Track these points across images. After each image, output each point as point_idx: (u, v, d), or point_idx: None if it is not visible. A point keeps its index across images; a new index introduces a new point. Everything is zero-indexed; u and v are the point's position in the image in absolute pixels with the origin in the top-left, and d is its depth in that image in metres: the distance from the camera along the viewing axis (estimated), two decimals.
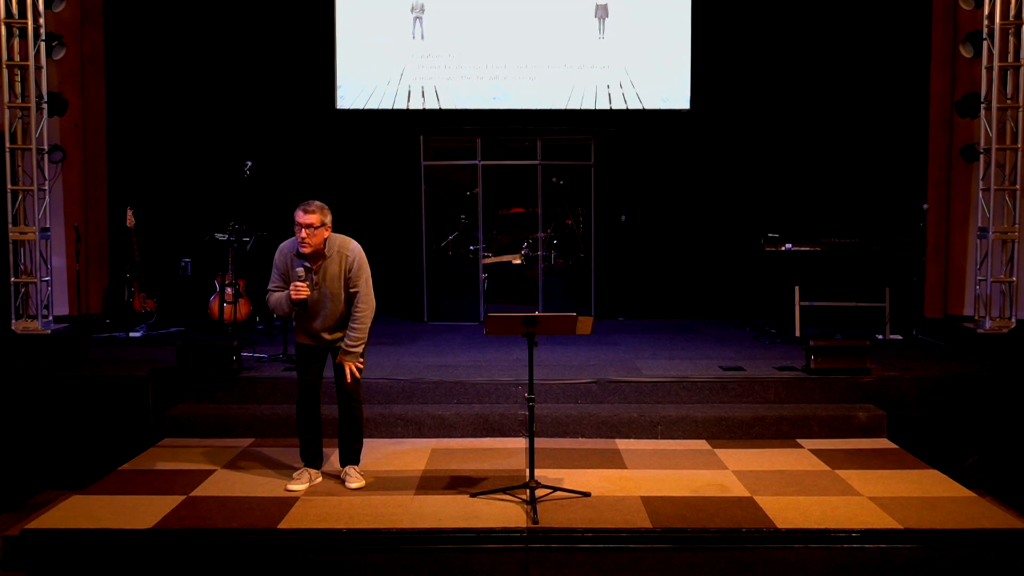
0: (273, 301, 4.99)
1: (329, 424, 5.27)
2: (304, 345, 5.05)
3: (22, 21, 8.25)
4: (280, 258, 4.98)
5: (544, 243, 9.85)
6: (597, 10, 9.68)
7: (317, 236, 4.81)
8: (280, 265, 4.97)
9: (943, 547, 4.37)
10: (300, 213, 4.79)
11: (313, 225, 4.78)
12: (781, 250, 8.31)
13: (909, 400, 6.35)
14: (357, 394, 5.08)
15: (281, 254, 4.98)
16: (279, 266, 4.98)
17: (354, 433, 5.14)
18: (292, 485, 5.00)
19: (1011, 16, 8.20)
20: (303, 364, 5.07)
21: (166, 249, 9.36)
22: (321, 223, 4.81)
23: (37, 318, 8.36)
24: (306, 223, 4.77)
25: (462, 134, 9.77)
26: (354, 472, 5.11)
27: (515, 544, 4.34)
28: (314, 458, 5.16)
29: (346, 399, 5.05)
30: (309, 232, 4.77)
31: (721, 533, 4.40)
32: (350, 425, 5.12)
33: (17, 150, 8.42)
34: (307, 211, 4.78)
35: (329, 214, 4.88)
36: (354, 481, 5.05)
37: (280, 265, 4.97)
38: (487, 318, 4.75)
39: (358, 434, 5.16)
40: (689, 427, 6.05)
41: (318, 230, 4.80)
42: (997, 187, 8.35)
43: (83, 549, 4.36)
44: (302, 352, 5.07)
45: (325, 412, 5.20)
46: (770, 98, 9.63)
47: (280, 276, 4.97)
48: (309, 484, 5.04)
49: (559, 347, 7.67)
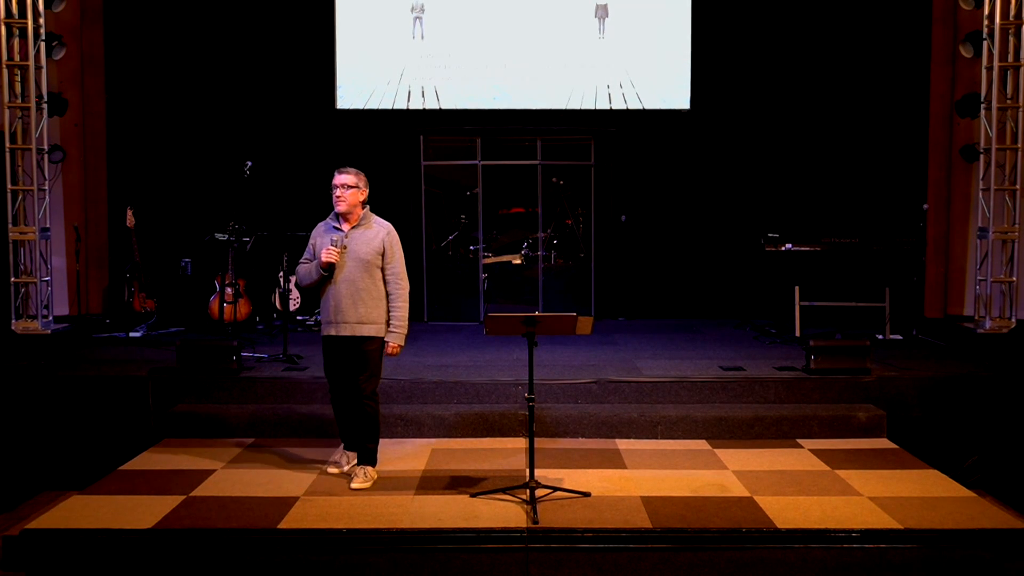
0: (303, 271, 5.09)
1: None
2: (327, 338, 5.06)
3: (22, 21, 8.26)
4: (314, 233, 5.13)
5: (544, 243, 9.85)
6: (597, 10, 9.68)
7: (352, 196, 4.97)
8: (312, 239, 5.11)
9: (943, 547, 4.36)
10: (336, 176, 4.99)
11: (347, 185, 4.95)
12: (781, 250, 8.31)
13: (909, 400, 6.35)
14: (370, 390, 5.02)
15: (316, 230, 5.14)
16: (311, 240, 5.11)
17: (366, 431, 5.07)
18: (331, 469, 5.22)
19: (1011, 16, 8.20)
20: (326, 358, 5.14)
21: (166, 249, 9.36)
22: (355, 184, 4.98)
23: (37, 318, 8.36)
24: (340, 183, 4.96)
25: (462, 134, 9.77)
26: (360, 472, 5.03)
27: (515, 544, 4.34)
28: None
29: (356, 395, 5.00)
30: (344, 190, 4.95)
31: (721, 533, 4.40)
32: (362, 422, 5.06)
33: (17, 150, 8.42)
34: (342, 171, 5.00)
35: (365, 180, 5.05)
36: (358, 481, 4.99)
37: (312, 239, 5.11)
38: (487, 318, 4.75)
39: (371, 432, 5.09)
40: (689, 427, 6.05)
41: (352, 190, 4.96)
42: (997, 187, 8.35)
43: (83, 549, 4.36)
44: (325, 346, 5.11)
45: None
46: (770, 98, 9.63)
47: (310, 250, 5.10)
48: (348, 466, 5.20)
49: (559, 347, 7.67)
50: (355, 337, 4.95)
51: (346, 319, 4.94)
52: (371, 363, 4.99)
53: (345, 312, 4.94)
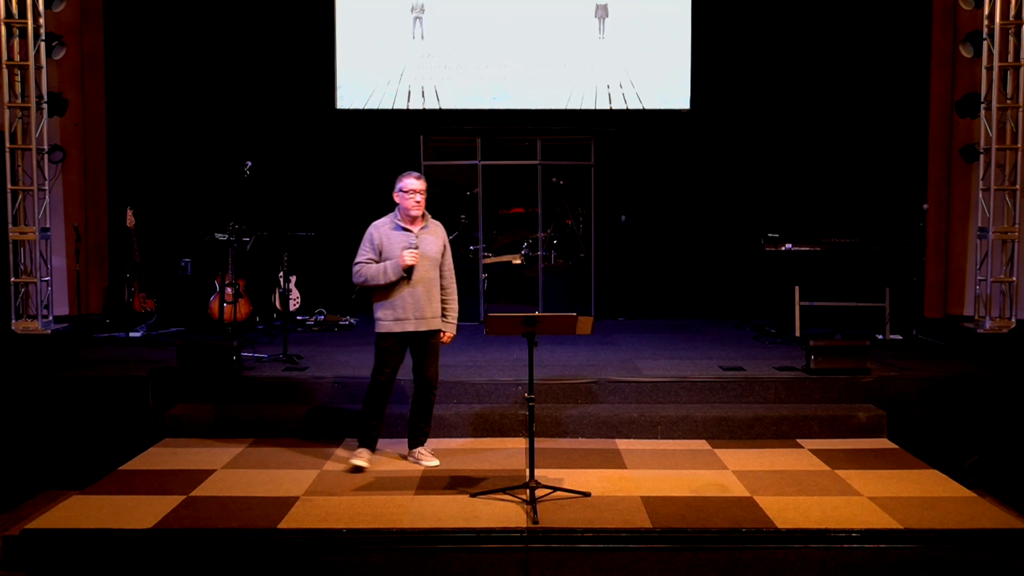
0: (371, 272, 5.12)
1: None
2: (393, 335, 5.19)
3: (22, 21, 8.25)
4: (376, 233, 5.18)
5: (544, 243, 9.85)
6: (597, 10, 9.68)
7: (423, 202, 5.15)
8: (377, 239, 5.15)
9: (943, 547, 4.36)
10: (411, 181, 5.12)
11: (424, 191, 5.14)
12: (781, 250, 8.31)
13: (909, 400, 6.35)
14: (437, 379, 5.40)
15: (377, 229, 5.19)
16: (374, 240, 5.16)
17: (427, 416, 5.48)
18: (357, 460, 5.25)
19: (1011, 16, 8.20)
20: (388, 357, 5.24)
21: (166, 249, 9.36)
22: (426, 190, 5.14)
23: (37, 318, 8.36)
24: (419, 188, 5.12)
25: (462, 134, 9.77)
26: (426, 451, 5.46)
27: (515, 544, 4.34)
28: (374, 443, 5.42)
29: (426, 385, 5.36)
30: (422, 196, 5.13)
31: (721, 533, 4.40)
32: (425, 409, 5.44)
33: (17, 150, 8.42)
34: (418, 178, 5.15)
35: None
36: (429, 458, 5.40)
37: (377, 239, 5.15)
38: (487, 318, 4.75)
39: (430, 417, 5.51)
40: (689, 427, 6.05)
41: (424, 197, 5.14)
42: (997, 187, 8.34)
43: (83, 549, 4.36)
44: (391, 343, 5.21)
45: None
46: (770, 98, 9.63)
47: (373, 250, 5.15)
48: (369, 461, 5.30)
49: (559, 347, 7.67)
50: (430, 331, 5.26)
51: (424, 315, 5.21)
52: (438, 353, 5.38)
53: (423, 308, 5.19)
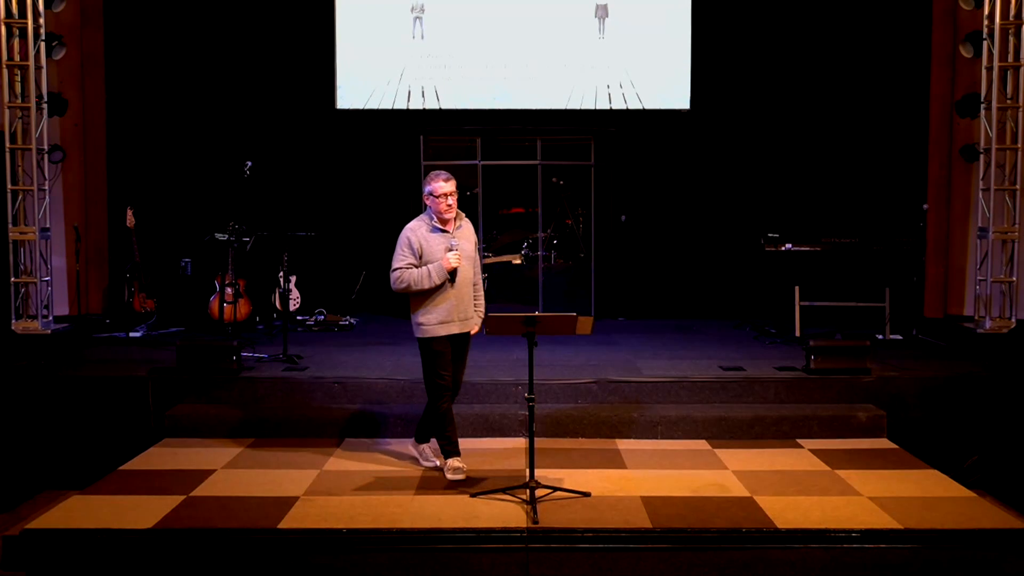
0: (414, 277, 4.94)
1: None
2: (443, 339, 5.04)
3: (22, 21, 8.25)
4: (414, 236, 5.02)
5: (544, 243, 9.85)
6: (597, 10, 9.68)
7: (456, 203, 5.06)
8: (416, 243, 5.00)
9: (943, 547, 4.36)
10: (441, 184, 4.99)
11: (455, 191, 5.04)
12: (781, 250, 8.31)
13: (909, 400, 6.35)
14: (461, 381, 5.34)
15: (415, 233, 5.03)
16: (413, 244, 5.00)
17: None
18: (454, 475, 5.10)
19: (1011, 16, 8.20)
20: (443, 362, 5.07)
21: (166, 249, 9.36)
22: (456, 189, 5.06)
23: (37, 318, 8.36)
24: (451, 190, 5.01)
25: (462, 134, 9.77)
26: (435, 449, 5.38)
27: (515, 544, 4.34)
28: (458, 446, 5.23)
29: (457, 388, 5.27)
30: (455, 197, 5.04)
31: (721, 533, 4.40)
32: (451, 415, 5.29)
33: (17, 150, 8.42)
34: (447, 179, 5.02)
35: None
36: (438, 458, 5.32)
37: (416, 243, 5.00)
38: (487, 318, 4.76)
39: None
40: (689, 427, 6.05)
41: (456, 196, 5.05)
42: (997, 187, 8.34)
43: (83, 549, 4.36)
44: (443, 346, 5.06)
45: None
46: (770, 98, 9.63)
47: (414, 254, 4.99)
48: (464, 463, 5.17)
49: (559, 347, 7.67)
50: (466, 332, 5.16)
51: (466, 315, 5.12)
52: (467, 355, 5.29)
53: (466, 309, 5.12)
